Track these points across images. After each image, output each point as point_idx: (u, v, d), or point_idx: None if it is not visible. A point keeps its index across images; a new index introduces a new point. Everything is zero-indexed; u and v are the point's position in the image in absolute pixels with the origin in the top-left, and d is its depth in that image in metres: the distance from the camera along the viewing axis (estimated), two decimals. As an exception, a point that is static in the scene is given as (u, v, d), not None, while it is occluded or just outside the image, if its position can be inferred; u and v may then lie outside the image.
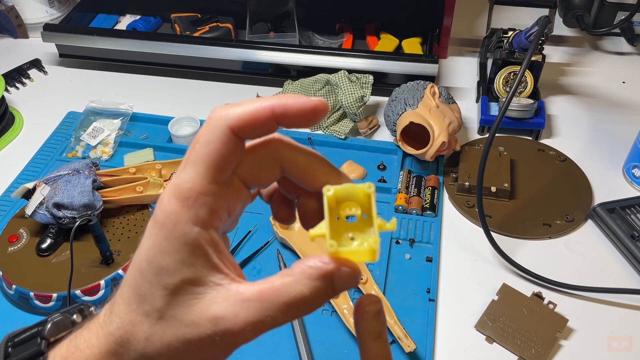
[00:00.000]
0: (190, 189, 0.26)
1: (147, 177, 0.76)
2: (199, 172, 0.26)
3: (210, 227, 0.26)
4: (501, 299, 0.66)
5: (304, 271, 0.26)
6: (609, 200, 0.77)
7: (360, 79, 0.88)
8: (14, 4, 1.11)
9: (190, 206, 0.26)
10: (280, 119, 0.27)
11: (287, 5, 1.07)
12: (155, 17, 1.15)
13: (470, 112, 0.95)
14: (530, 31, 0.81)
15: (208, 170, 0.26)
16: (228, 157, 0.26)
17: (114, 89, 1.01)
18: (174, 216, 0.25)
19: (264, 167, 0.29)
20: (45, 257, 0.69)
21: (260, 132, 0.27)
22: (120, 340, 0.26)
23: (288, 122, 0.27)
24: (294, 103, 0.27)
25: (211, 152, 0.26)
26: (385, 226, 0.27)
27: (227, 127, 0.26)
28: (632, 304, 0.67)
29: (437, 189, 0.80)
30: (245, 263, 0.71)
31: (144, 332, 0.26)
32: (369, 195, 0.27)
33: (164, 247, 0.25)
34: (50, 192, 0.69)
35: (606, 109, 0.97)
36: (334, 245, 0.26)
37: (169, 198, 0.26)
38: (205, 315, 0.25)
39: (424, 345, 0.63)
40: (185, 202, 0.26)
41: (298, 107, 0.27)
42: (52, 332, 0.29)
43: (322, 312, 0.66)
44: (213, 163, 0.26)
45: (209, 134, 0.26)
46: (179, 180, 0.26)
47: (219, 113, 0.27)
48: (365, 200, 0.27)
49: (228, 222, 0.29)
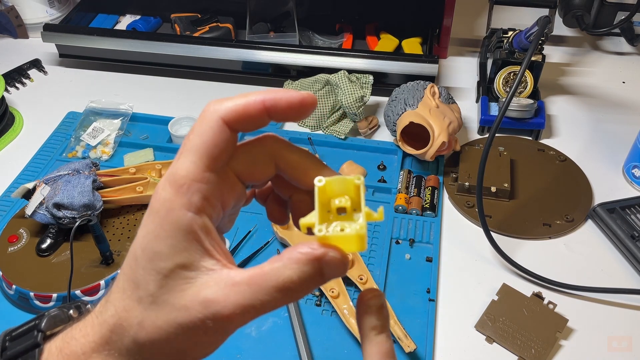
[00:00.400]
0: (184, 176, 0.27)
1: (147, 177, 0.76)
2: (192, 161, 0.27)
3: (204, 214, 0.27)
4: (501, 299, 0.66)
5: (293, 256, 0.26)
6: (609, 200, 0.77)
7: (360, 79, 0.89)
8: (14, 4, 1.11)
9: (184, 193, 0.26)
10: (270, 112, 0.28)
11: (287, 5, 1.07)
12: (155, 17, 1.15)
13: (470, 112, 0.95)
14: (530, 31, 0.81)
15: (201, 159, 0.27)
16: (221, 147, 0.27)
17: (114, 89, 1.01)
18: (168, 203, 0.26)
19: (259, 163, 0.30)
20: (45, 257, 0.69)
21: (251, 124, 0.28)
22: (113, 327, 0.27)
23: (278, 114, 0.28)
24: (283, 96, 0.28)
25: (204, 142, 0.27)
26: (373, 216, 0.28)
27: (220, 119, 0.27)
28: (632, 304, 0.67)
29: (437, 189, 0.80)
30: (245, 263, 0.71)
31: (136, 317, 0.26)
32: (358, 187, 0.28)
33: (157, 232, 0.26)
34: (50, 192, 0.69)
35: (606, 109, 0.97)
36: (322, 230, 0.27)
37: (163, 186, 0.27)
38: (196, 299, 0.26)
39: (424, 345, 0.63)
40: (179, 189, 0.26)
41: (287, 99, 0.28)
42: (48, 326, 0.30)
43: (322, 312, 0.66)
44: (206, 152, 0.27)
45: (202, 125, 0.27)
46: (173, 169, 0.27)
47: (212, 106, 0.28)
48: (355, 193, 0.28)
49: (223, 216, 0.29)
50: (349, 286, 0.68)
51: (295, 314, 0.64)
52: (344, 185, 0.28)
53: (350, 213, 0.28)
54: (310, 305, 0.67)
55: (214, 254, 0.27)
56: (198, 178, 0.27)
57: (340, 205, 0.28)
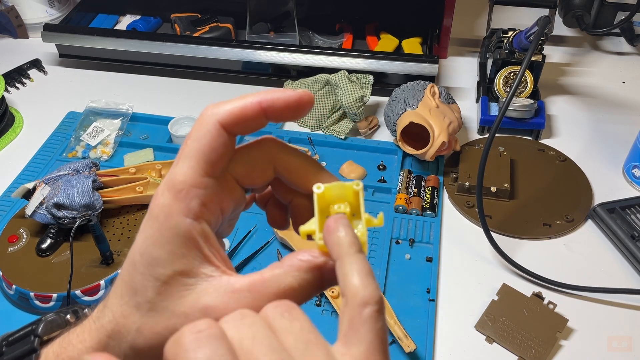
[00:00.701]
0: (182, 182, 0.26)
1: (147, 177, 0.76)
2: (190, 166, 0.27)
3: (202, 220, 0.27)
4: (501, 299, 0.66)
5: (294, 264, 0.26)
6: (609, 200, 0.77)
7: (360, 79, 0.88)
8: (14, 4, 1.11)
9: (182, 198, 0.26)
10: (268, 113, 0.28)
11: (287, 5, 1.07)
12: (155, 17, 1.15)
13: (470, 112, 0.95)
14: (530, 31, 0.81)
15: (200, 164, 0.27)
16: (219, 151, 0.27)
17: (114, 89, 1.01)
18: (167, 208, 0.26)
19: (257, 167, 0.29)
20: (45, 257, 0.69)
21: (249, 126, 0.28)
22: (111, 333, 0.26)
23: (275, 115, 0.28)
24: (280, 96, 0.28)
25: (202, 147, 0.27)
26: (373, 222, 0.28)
27: (218, 123, 0.27)
28: (632, 304, 0.67)
29: (437, 189, 0.80)
30: (245, 263, 0.71)
31: (134, 322, 0.26)
32: (357, 193, 0.28)
33: (156, 238, 0.26)
34: (50, 192, 0.69)
35: (606, 109, 0.97)
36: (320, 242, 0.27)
37: (162, 191, 0.26)
38: (196, 306, 0.25)
39: (424, 345, 0.63)
40: (178, 195, 0.26)
41: (284, 99, 0.28)
42: (45, 331, 0.30)
43: (322, 312, 0.66)
44: (204, 157, 0.27)
45: (200, 129, 0.27)
46: (172, 174, 0.27)
47: (210, 110, 0.27)
48: (354, 198, 0.28)
49: (222, 221, 0.29)
50: (349, 286, 0.67)
51: (295, 314, 0.64)
52: (343, 191, 0.28)
53: (350, 219, 0.28)
54: (310, 305, 0.67)
55: (213, 261, 0.27)
56: (196, 183, 0.26)
57: (340, 211, 0.28)
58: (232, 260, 0.72)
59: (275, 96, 0.28)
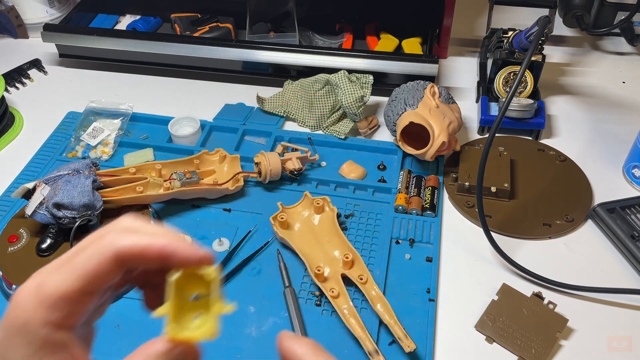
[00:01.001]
0: (51, 294, 0.27)
1: (147, 177, 0.76)
2: (67, 280, 0.27)
3: (63, 329, 0.27)
4: (501, 299, 0.66)
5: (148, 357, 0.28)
6: (609, 200, 0.77)
7: (360, 79, 0.89)
8: (14, 4, 1.11)
9: (45, 307, 0.27)
10: (166, 260, 0.28)
11: (287, 5, 1.07)
12: (155, 17, 1.15)
13: (470, 112, 0.95)
14: (530, 31, 0.81)
15: (78, 281, 0.27)
16: (102, 279, 0.28)
17: (114, 89, 1.01)
18: (26, 314, 0.26)
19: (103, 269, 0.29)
20: (45, 257, 0.69)
21: (142, 264, 0.29)
22: None
23: (172, 264, 0.29)
24: (184, 250, 0.28)
25: (88, 269, 0.27)
26: (224, 310, 0.29)
27: (114, 254, 0.28)
28: (632, 304, 0.67)
29: (437, 189, 0.80)
30: (245, 263, 0.71)
31: None
32: (210, 283, 0.29)
33: (11, 342, 0.26)
34: (50, 192, 0.69)
35: (606, 109, 0.97)
36: (171, 331, 0.28)
37: (27, 294, 0.27)
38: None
39: (424, 345, 0.63)
40: (42, 304, 0.27)
41: (186, 255, 0.28)
42: None
43: (322, 312, 0.66)
44: (86, 279, 0.27)
45: (95, 251, 0.28)
46: (44, 280, 0.27)
47: (111, 237, 0.28)
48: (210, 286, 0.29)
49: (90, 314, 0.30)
50: (349, 286, 0.68)
51: (295, 314, 0.64)
52: (199, 278, 0.29)
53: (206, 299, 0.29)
54: (310, 305, 0.67)
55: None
56: (66, 297, 0.27)
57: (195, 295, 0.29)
58: (232, 261, 0.72)
59: (180, 249, 0.28)
